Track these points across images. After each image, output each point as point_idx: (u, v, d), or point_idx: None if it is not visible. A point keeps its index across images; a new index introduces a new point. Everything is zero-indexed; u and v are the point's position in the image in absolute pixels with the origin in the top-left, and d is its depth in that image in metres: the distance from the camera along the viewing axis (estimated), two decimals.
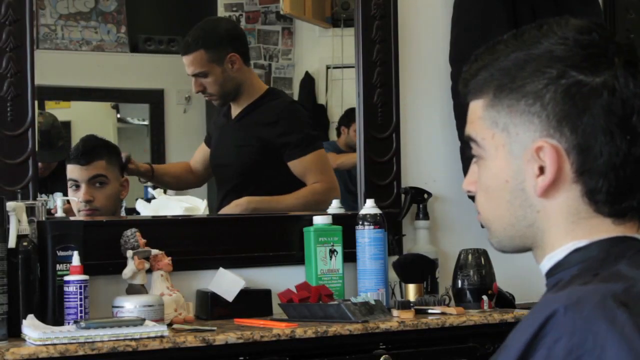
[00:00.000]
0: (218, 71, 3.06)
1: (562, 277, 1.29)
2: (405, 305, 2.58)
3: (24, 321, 2.28)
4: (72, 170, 2.89)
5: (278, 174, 3.08)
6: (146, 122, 3.23)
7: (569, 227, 1.29)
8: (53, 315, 2.36)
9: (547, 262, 1.32)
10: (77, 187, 2.87)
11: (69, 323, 2.31)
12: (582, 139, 1.25)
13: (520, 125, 1.28)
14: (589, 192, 1.27)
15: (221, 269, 2.70)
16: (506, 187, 1.31)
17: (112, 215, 2.89)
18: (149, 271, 2.56)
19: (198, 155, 3.17)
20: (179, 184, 3.15)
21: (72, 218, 2.75)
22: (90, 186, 2.87)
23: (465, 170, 3.11)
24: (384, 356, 2.47)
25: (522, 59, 1.28)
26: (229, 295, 2.65)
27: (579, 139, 1.25)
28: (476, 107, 1.34)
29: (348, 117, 3.24)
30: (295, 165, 3.05)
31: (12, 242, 2.32)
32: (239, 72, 3.08)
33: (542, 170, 1.27)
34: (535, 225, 1.31)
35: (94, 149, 2.94)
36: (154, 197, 2.97)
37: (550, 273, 1.32)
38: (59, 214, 2.55)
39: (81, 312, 2.32)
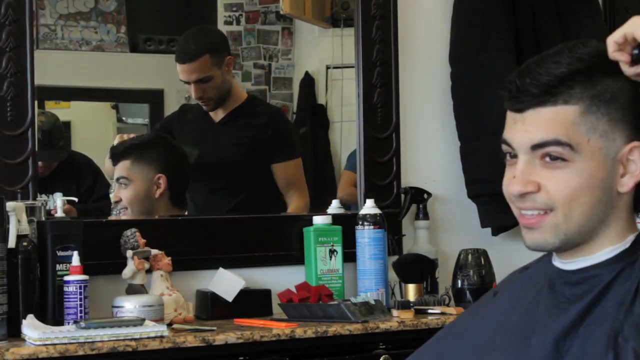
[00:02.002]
0: (218, 74, 3.07)
1: (634, 259, 1.45)
2: (405, 305, 2.58)
3: (24, 321, 2.28)
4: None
5: (266, 174, 3.09)
6: (146, 122, 3.23)
7: (629, 221, 1.49)
8: (53, 315, 2.36)
9: (609, 253, 1.47)
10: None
11: (68, 323, 2.31)
12: None
13: (617, 131, 1.46)
14: None
15: (221, 269, 2.70)
16: (601, 185, 1.46)
17: (144, 214, 2.88)
18: (149, 271, 2.56)
19: None
20: None
21: (108, 218, 2.79)
22: (118, 186, 2.90)
23: (466, 169, 3.10)
24: (383, 356, 2.47)
25: (605, 70, 1.45)
26: (229, 295, 2.65)
27: None
28: (568, 113, 1.45)
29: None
30: (279, 169, 3.08)
31: (12, 242, 2.32)
32: (229, 75, 3.11)
33: (624, 168, 1.46)
34: (605, 221, 1.47)
35: (125, 150, 2.93)
36: None
37: (616, 260, 1.46)
38: (59, 214, 2.55)
39: (81, 312, 2.32)
